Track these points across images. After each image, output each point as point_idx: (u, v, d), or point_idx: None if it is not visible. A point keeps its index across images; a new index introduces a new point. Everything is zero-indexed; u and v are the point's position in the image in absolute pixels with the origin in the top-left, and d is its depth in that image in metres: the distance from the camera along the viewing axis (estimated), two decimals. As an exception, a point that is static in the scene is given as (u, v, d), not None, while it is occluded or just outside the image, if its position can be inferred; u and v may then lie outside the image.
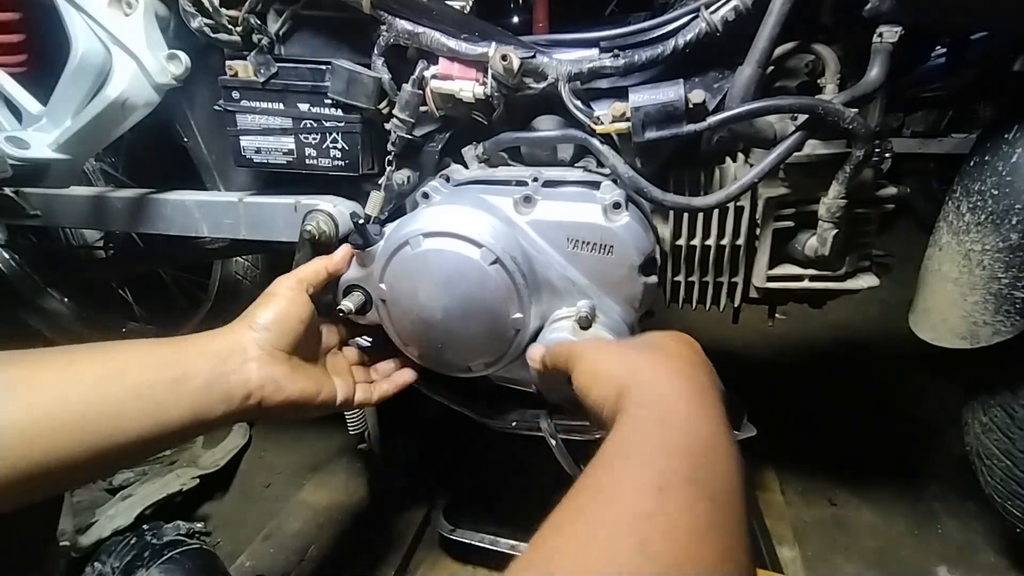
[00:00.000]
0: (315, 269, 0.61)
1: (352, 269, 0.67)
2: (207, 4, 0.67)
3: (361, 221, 0.64)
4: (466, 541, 0.88)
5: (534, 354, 0.57)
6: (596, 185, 0.66)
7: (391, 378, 0.68)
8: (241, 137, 0.72)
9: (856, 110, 0.56)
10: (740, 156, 0.67)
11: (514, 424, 0.69)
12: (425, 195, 0.67)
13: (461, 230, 0.60)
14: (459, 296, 0.62)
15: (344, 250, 0.64)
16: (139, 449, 0.46)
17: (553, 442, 0.63)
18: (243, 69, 0.70)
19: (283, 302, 0.56)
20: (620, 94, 0.62)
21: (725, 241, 0.67)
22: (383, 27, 0.65)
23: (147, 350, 0.49)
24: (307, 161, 0.72)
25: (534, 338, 0.64)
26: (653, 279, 0.64)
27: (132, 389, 0.45)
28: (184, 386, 0.47)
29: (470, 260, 0.60)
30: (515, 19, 0.80)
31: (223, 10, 0.68)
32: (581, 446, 0.63)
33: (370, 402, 0.64)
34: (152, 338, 0.52)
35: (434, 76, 0.66)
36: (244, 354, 0.51)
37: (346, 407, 0.61)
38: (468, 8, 0.66)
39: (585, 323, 0.60)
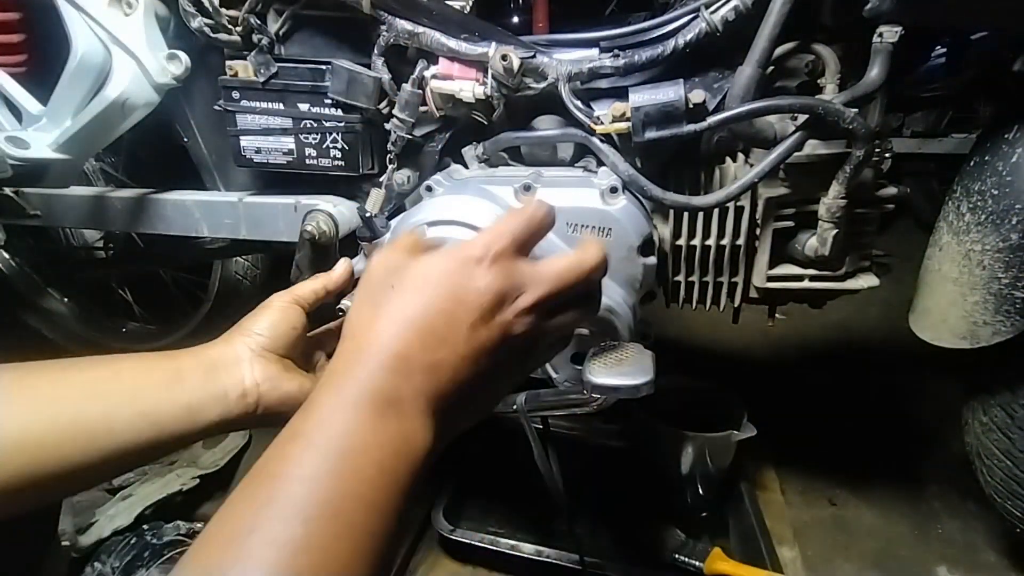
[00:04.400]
0: (313, 288, 0.57)
1: (360, 262, 0.67)
2: (207, 4, 0.67)
3: (368, 214, 0.64)
4: (466, 541, 0.88)
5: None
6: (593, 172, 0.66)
7: None
8: (241, 137, 0.72)
9: (856, 110, 0.56)
10: (740, 156, 0.67)
11: (514, 407, 0.69)
12: (429, 188, 0.67)
13: (463, 217, 0.60)
14: None
15: (343, 266, 0.60)
16: (134, 455, 0.45)
17: (524, 421, 0.62)
18: (243, 69, 0.70)
19: (276, 312, 0.53)
20: (620, 94, 0.62)
21: (725, 241, 0.67)
22: (383, 27, 0.65)
23: (141, 357, 0.48)
24: (307, 161, 0.72)
25: None
26: (652, 260, 0.64)
27: (126, 392, 0.45)
28: (178, 386, 0.46)
29: None
30: (515, 19, 0.80)
31: (223, 10, 0.68)
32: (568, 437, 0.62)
33: None
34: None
35: (434, 76, 0.66)
36: (238, 356, 0.50)
37: None
38: (468, 8, 0.66)
39: None
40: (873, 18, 0.54)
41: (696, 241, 0.68)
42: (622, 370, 0.51)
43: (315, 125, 0.70)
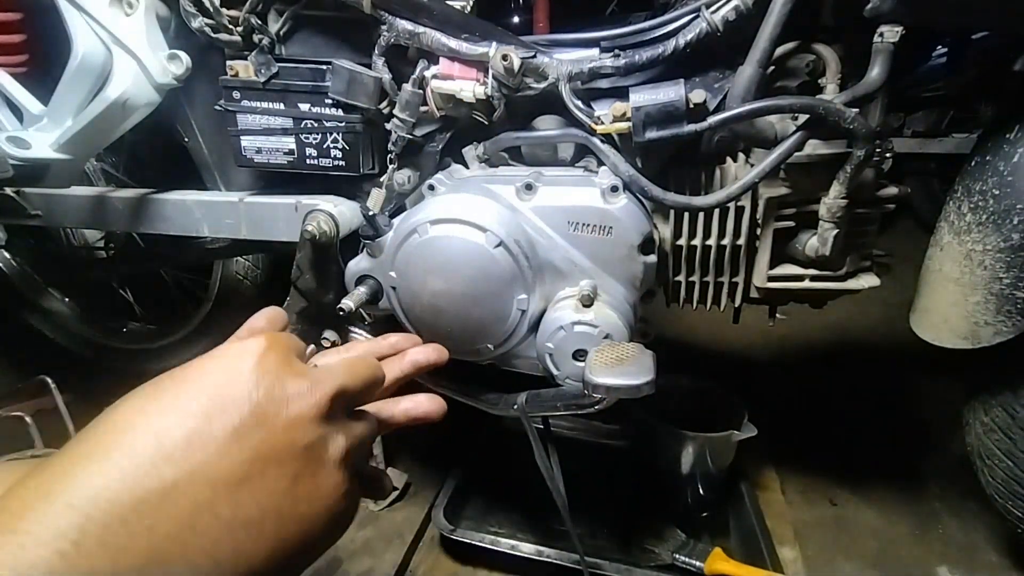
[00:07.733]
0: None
1: (363, 260, 0.68)
2: (208, 4, 0.67)
3: (372, 213, 0.65)
4: (466, 541, 0.88)
5: None
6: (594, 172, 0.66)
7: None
8: (242, 137, 0.72)
9: (857, 110, 0.56)
10: (741, 156, 0.67)
11: (515, 407, 0.69)
12: (431, 187, 0.68)
13: (466, 216, 0.61)
14: (466, 279, 0.63)
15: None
16: None
17: (524, 421, 0.63)
18: (244, 69, 0.70)
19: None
20: (621, 94, 0.62)
21: (726, 241, 0.67)
22: (384, 27, 0.65)
23: None
24: (308, 161, 0.72)
25: (539, 319, 0.65)
26: (652, 258, 0.64)
27: None
28: None
29: (475, 244, 0.61)
30: (515, 19, 0.80)
31: (224, 10, 0.68)
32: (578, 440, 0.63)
33: None
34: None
35: (435, 76, 0.66)
36: None
37: None
38: (468, 8, 0.66)
39: (587, 301, 0.62)
40: (874, 18, 0.54)
41: (697, 241, 0.68)
42: (623, 369, 0.52)
43: (316, 125, 0.70)
